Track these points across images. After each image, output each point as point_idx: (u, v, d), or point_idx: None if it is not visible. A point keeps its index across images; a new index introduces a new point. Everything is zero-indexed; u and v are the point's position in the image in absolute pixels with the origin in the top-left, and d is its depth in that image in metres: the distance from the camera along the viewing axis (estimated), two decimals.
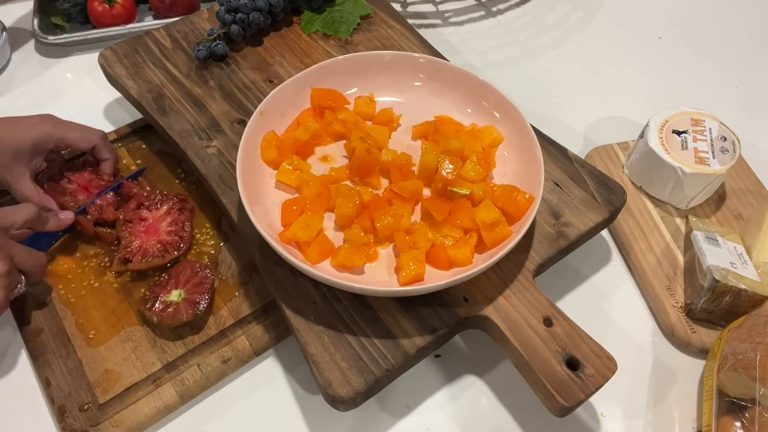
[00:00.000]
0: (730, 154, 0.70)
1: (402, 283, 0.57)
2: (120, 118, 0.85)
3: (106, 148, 0.72)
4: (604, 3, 1.06)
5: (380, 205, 0.61)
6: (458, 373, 0.63)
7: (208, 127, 0.71)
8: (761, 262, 0.65)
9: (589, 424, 0.60)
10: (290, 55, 0.80)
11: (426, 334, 0.56)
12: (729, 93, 0.92)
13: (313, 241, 0.59)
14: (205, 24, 0.83)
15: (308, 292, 0.58)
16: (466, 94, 0.70)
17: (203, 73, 0.77)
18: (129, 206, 0.69)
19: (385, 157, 0.64)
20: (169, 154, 0.78)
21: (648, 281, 0.68)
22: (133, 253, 0.66)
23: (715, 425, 0.55)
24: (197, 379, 0.60)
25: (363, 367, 0.54)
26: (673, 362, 0.64)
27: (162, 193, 0.71)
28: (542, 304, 0.57)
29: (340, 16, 0.83)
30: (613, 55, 0.97)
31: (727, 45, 1.00)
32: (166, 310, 0.62)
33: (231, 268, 0.68)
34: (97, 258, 0.68)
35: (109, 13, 0.93)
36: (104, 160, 0.72)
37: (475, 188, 0.61)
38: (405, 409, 0.61)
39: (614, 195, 0.65)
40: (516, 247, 0.57)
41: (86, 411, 0.58)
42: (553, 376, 0.53)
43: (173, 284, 0.64)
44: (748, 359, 0.55)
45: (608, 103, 0.90)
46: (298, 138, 0.66)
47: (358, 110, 0.70)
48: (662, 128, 0.72)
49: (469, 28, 1.01)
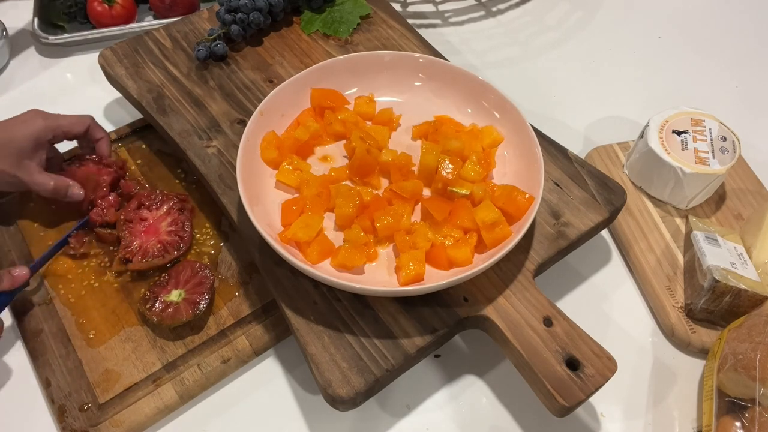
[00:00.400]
0: (730, 154, 0.70)
1: (402, 283, 0.57)
2: (120, 118, 0.85)
3: (98, 127, 0.73)
4: (604, 3, 1.06)
5: (380, 205, 0.61)
6: (458, 373, 0.63)
7: (208, 127, 0.71)
8: (761, 262, 0.65)
9: (589, 424, 0.60)
10: (290, 55, 0.80)
11: (426, 334, 0.56)
12: (729, 93, 0.92)
13: (313, 241, 0.59)
14: (205, 24, 0.83)
15: (308, 292, 0.58)
16: (466, 94, 0.70)
17: (203, 73, 0.77)
18: (129, 206, 0.69)
19: (385, 157, 0.64)
20: (169, 154, 0.78)
21: (648, 281, 0.68)
22: (133, 253, 0.66)
23: (715, 425, 0.55)
24: (197, 379, 0.60)
25: (363, 367, 0.54)
26: (673, 362, 0.64)
27: (162, 193, 0.71)
28: (542, 304, 0.57)
29: (340, 16, 0.83)
30: (613, 55, 0.97)
31: (727, 45, 1.00)
32: (166, 310, 0.62)
33: (231, 268, 0.68)
34: (97, 258, 0.68)
35: (108, 13, 0.93)
36: (99, 140, 0.73)
37: (475, 188, 0.61)
38: (405, 409, 0.61)
39: (614, 195, 0.65)
40: (516, 247, 0.57)
41: (86, 411, 0.58)
42: (553, 376, 0.53)
43: (173, 284, 0.64)
44: (748, 359, 0.55)
45: (608, 103, 0.90)
46: (298, 138, 0.66)
47: (358, 110, 0.70)
48: (662, 128, 0.72)
49: (469, 28, 1.01)
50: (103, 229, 0.69)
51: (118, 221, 0.68)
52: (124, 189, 0.72)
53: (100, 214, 0.69)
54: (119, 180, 0.73)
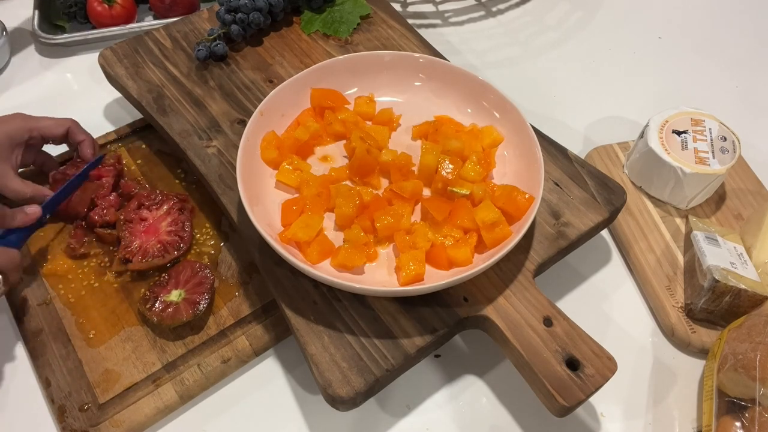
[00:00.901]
0: (730, 154, 0.70)
1: (402, 283, 0.57)
2: (120, 118, 0.85)
3: (79, 129, 0.72)
4: (604, 3, 1.06)
5: (380, 205, 0.61)
6: (458, 373, 0.63)
7: (208, 127, 0.71)
8: (761, 262, 0.65)
9: (589, 424, 0.60)
10: (290, 55, 0.80)
11: (426, 334, 0.56)
12: (729, 93, 0.92)
13: (313, 241, 0.59)
14: (205, 24, 0.83)
15: (308, 292, 0.58)
16: (466, 94, 0.70)
17: (203, 73, 0.77)
18: (129, 206, 0.69)
19: (385, 157, 0.64)
20: (169, 154, 0.78)
21: (648, 281, 0.68)
22: (133, 253, 0.66)
23: (715, 425, 0.55)
24: (197, 379, 0.60)
25: (363, 367, 0.54)
26: (673, 362, 0.64)
27: (162, 193, 0.71)
28: (542, 304, 0.57)
29: (340, 16, 0.83)
30: (613, 55, 0.97)
31: (727, 45, 1.00)
32: (166, 310, 0.62)
33: (231, 268, 0.68)
34: (97, 258, 0.68)
35: (108, 13, 0.93)
36: (80, 142, 0.72)
37: (475, 188, 0.61)
38: (405, 409, 0.61)
39: (614, 195, 0.65)
40: (516, 247, 0.57)
41: (86, 411, 0.58)
42: (553, 376, 0.53)
43: (173, 284, 0.64)
44: (748, 359, 0.55)
45: (608, 103, 0.90)
46: (298, 138, 0.66)
47: (358, 110, 0.70)
48: (662, 128, 0.72)
49: (469, 28, 1.01)
50: (103, 229, 0.69)
51: (118, 221, 0.68)
52: (124, 189, 0.72)
53: (100, 213, 0.69)
54: (119, 179, 0.73)
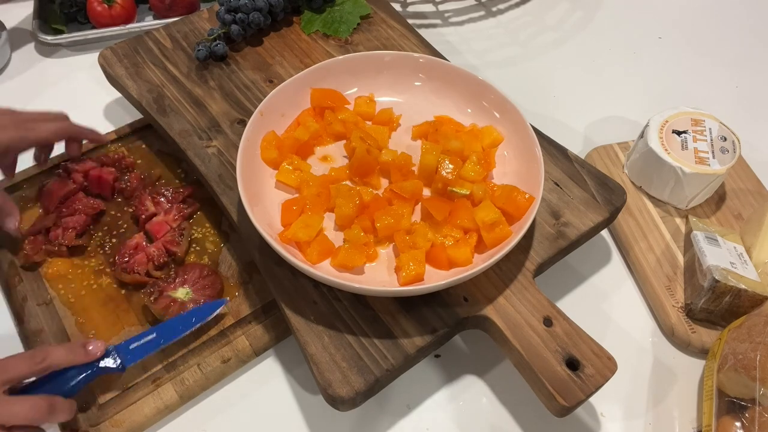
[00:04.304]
0: (730, 154, 0.70)
1: (402, 283, 0.57)
2: (120, 118, 0.85)
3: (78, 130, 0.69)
4: (604, 3, 1.06)
5: (380, 205, 0.61)
6: (458, 373, 0.63)
7: (208, 127, 0.71)
8: (761, 262, 0.65)
9: (589, 424, 0.60)
10: (290, 55, 0.80)
11: (426, 334, 0.56)
12: (729, 93, 0.92)
13: (313, 241, 0.59)
14: (205, 24, 0.83)
15: (308, 292, 0.58)
16: (466, 94, 0.70)
17: (203, 73, 0.77)
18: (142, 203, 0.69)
19: (385, 157, 0.64)
20: (169, 154, 0.78)
21: (648, 281, 0.68)
22: (128, 269, 0.65)
23: (715, 425, 0.55)
24: (197, 379, 0.60)
25: (363, 367, 0.54)
26: (673, 362, 0.64)
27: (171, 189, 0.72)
28: (542, 304, 0.57)
29: (340, 16, 0.83)
30: (613, 55, 0.97)
31: (727, 45, 1.00)
32: (170, 306, 0.62)
33: (231, 268, 0.68)
34: (97, 259, 0.68)
35: (108, 13, 0.93)
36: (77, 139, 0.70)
37: (475, 188, 0.61)
38: (405, 409, 0.61)
39: (614, 195, 0.65)
40: (516, 247, 0.57)
41: (86, 411, 0.58)
42: (553, 376, 0.53)
43: (181, 282, 0.64)
44: (748, 359, 0.55)
45: (608, 103, 0.90)
46: (298, 138, 0.66)
47: (358, 110, 0.70)
48: (662, 128, 0.72)
49: (469, 28, 1.01)
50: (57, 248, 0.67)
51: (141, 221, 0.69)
52: (131, 183, 0.72)
53: (60, 234, 0.67)
54: (118, 179, 0.73)
